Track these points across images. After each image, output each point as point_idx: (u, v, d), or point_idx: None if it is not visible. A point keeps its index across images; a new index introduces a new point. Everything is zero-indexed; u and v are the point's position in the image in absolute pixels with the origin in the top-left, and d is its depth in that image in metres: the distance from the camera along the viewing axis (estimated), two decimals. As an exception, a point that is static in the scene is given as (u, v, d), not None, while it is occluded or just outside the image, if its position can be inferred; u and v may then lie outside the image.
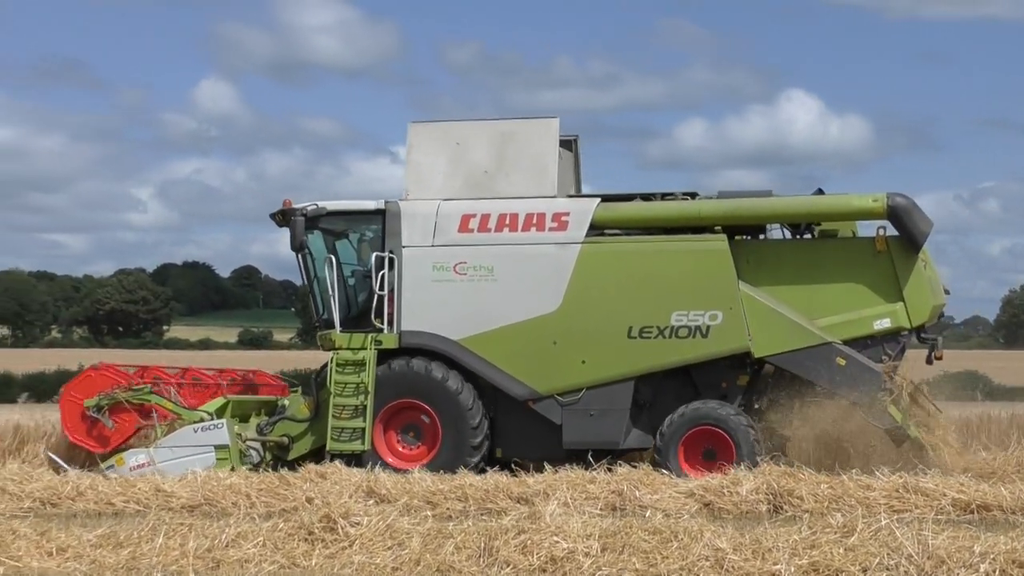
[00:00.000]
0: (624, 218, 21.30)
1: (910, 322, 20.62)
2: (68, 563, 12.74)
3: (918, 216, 20.56)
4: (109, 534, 13.42)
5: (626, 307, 20.89)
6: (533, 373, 21.06)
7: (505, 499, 17.37)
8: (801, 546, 12.00)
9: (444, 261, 21.28)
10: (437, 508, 16.76)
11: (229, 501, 17.44)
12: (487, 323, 21.19)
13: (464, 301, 21.23)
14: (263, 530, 13.24)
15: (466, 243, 21.28)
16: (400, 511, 13.77)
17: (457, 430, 21.04)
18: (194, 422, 20.93)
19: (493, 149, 21.77)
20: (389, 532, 13.14)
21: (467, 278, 21.24)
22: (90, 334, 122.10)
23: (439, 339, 21.28)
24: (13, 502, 17.50)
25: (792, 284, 20.88)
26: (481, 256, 21.22)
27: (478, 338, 21.20)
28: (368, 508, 13.75)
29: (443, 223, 21.35)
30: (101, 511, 17.39)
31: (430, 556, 12.53)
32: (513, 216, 21.22)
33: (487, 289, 21.19)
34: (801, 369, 20.56)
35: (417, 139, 21.96)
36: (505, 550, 12.36)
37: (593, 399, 20.93)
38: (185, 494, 17.77)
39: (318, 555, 12.81)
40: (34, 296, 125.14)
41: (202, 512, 16.84)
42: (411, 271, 21.40)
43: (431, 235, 21.36)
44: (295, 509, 15.78)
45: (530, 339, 21.06)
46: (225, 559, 12.71)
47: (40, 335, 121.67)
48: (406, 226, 21.44)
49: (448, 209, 21.41)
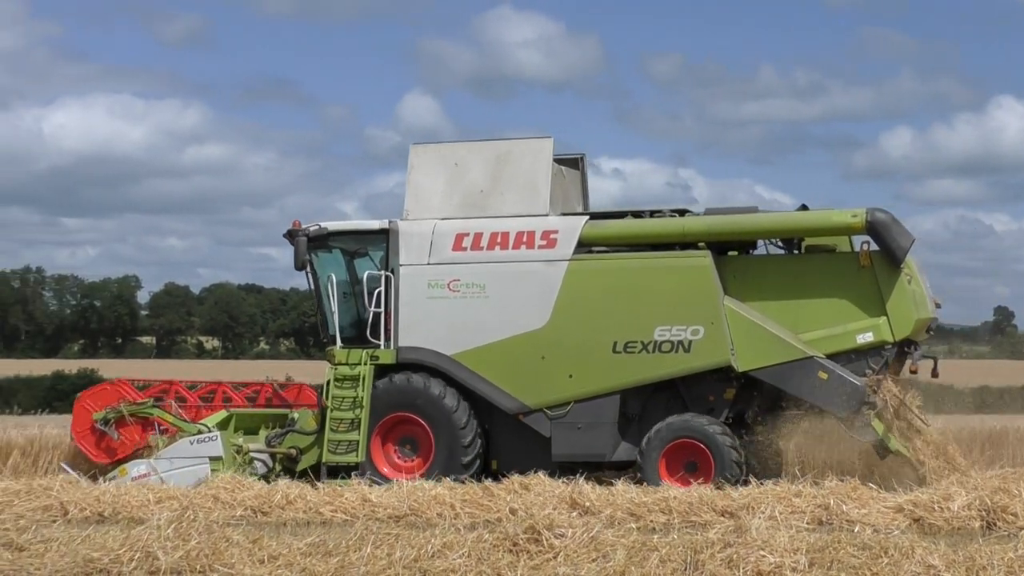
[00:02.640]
0: (610, 235, 21.72)
1: (893, 336, 20.64)
2: (279, 571, 12.96)
3: (897, 231, 20.60)
4: (318, 543, 13.63)
5: (611, 322, 21.27)
6: (523, 387, 21.57)
7: (709, 512, 17.21)
8: (1017, 564, 11.67)
9: (439, 278, 21.91)
10: (641, 520, 16.64)
11: (434, 512, 17.59)
12: (479, 338, 21.75)
13: (458, 317, 21.81)
14: (468, 541, 13.35)
15: (460, 261, 21.89)
16: (604, 523, 13.89)
17: (449, 447, 21.59)
18: (192, 435, 21.80)
19: (489, 169, 22.34)
20: (593, 544, 13.17)
21: (460, 295, 21.83)
22: (296, 346, 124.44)
23: (434, 354, 21.89)
24: (226, 510, 17.79)
25: (778, 299, 21.08)
26: (474, 273, 21.80)
27: (471, 353, 21.76)
28: (572, 520, 13.84)
29: (439, 241, 21.99)
30: (310, 520, 17.70)
31: (635, 569, 12.47)
32: (504, 234, 21.79)
33: (479, 305, 21.76)
34: (784, 383, 20.73)
35: (418, 160, 22.63)
36: (711, 564, 12.26)
37: (580, 413, 21.33)
38: (391, 504, 17.91)
39: (523, 566, 12.83)
40: (243, 309, 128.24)
41: (407, 522, 17.04)
42: (408, 288, 22.06)
43: (427, 253, 22.01)
44: (499, 520, 15.97)
45: (520, 354, 21.58)
46: (431, 569, 12.82)
47: (248, 347, 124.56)
48: (403, 245, 22.11)
49: (443, 228, 22.05)
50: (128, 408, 22.15)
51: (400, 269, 22.09)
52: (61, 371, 60.63)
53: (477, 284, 21.75)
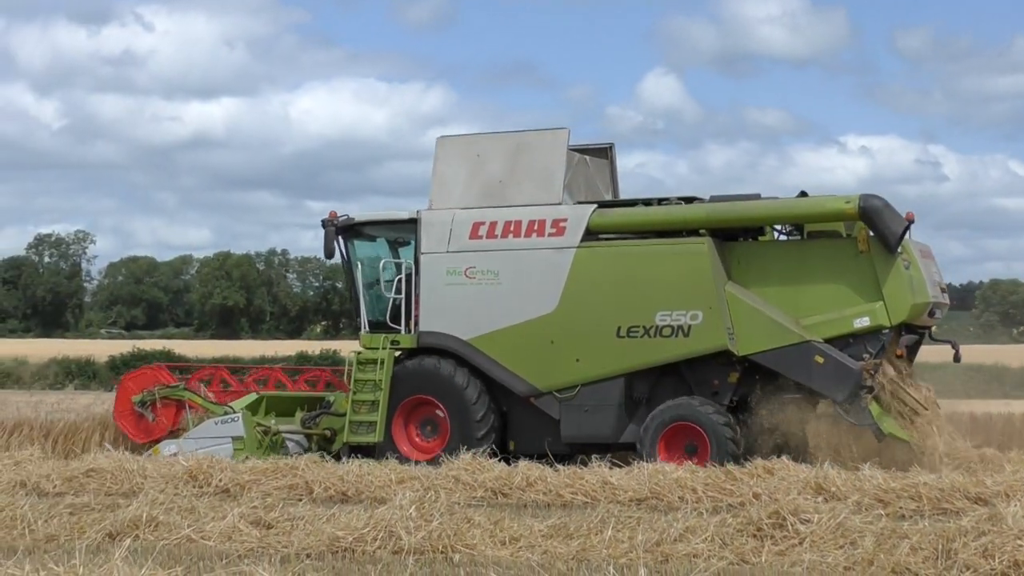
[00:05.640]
0: (616, 223, 22.21)
1: (889, 320, 20.82)
2: (521, 552, 12.93)
3: (890, 217, 20.79)
4: (559, 525, 13.58)
5: (615, 308, 21.85)
6: (534, 371, 22.28)
7: (962, 499, 16.61)
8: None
9: (457, 266, 22.73)
10: (889, 507, 16.07)
11: (675, 495, 17.35)
12: (493, 323, 22.51)
13: (473, 303, 22.61)
14: (711, 525, 13.13)
15: (476, 248, 22.66)
16: (851, 509, 13.39)
17: (463, 423, 22.39)
18: (219, 416, 22.91)
19: (508, 160, 23.01)
20: (840, 530, 12.83)
21: (476, 281, 22.62)
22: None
23: (452, 339, 22.70)
24: (467, 491, 17.86)
25: (781, 285, 21.44)
26: (489, 261, 22.56)
27: (485, 338, 22.52)
28: (817, 505, 13.48)
29: (457, 230, 22.78)
30: (550, 502, 17.60)
31: (884, 556, 12.09)
32: (517, 223, 22.47)
33: (493, 291, 22.53)
34: (781, 367, 21.05)
35: (443, 152, 23.44)
36: (964, 553, 11.78)
37: (587, 395, 21.98)
38: (632, 487, 17.75)
39: (767, 552, 12.56)
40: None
41: (649, 506, 16.83)
42: (428, 275, 22.91)
43: (446, 242, 22.84)
44: (742, 505, 15.61)
45: (531, 338, 22.28)
46: (674, 553, 12.62)
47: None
48: (425, 234, 22.97)
49: (462, 217, 22.82)
50: (161, 391, 23.36)
51: (422, 257, 22.92)
52: (305, 352, 61.99)
53: (491, 271, 22.53)
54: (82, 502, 15.34)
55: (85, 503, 15.28)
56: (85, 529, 14.12)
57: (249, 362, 47.54)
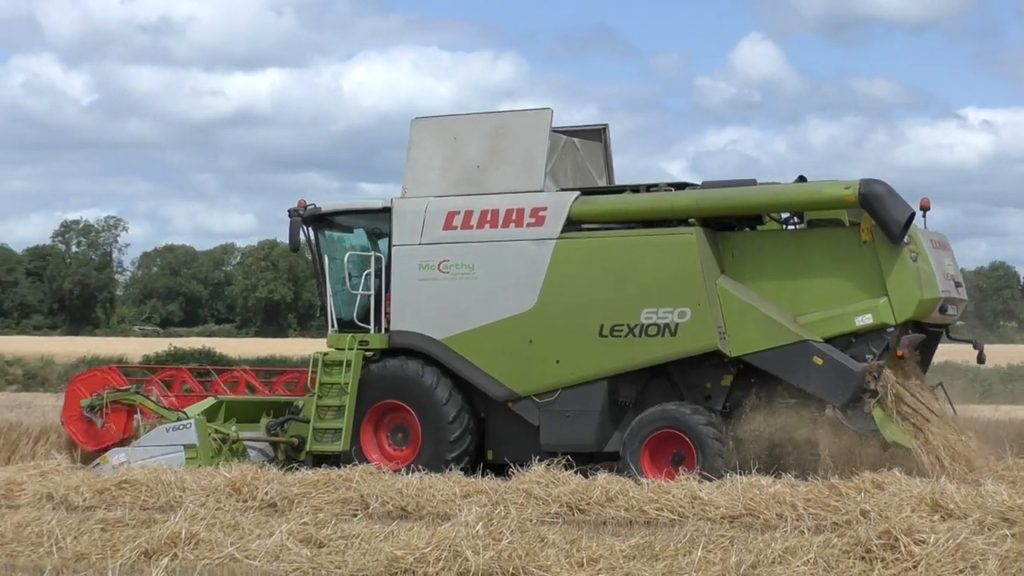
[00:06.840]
0: (600, 212, 20.87)
1: (895, 318, 19.43)
2: (600, 575, 12.13)
3: (892, 204, 19.39)
4: (643, 545, 12.75)
5: (597, 305, 20.51)
6: (511, 373, 20.95)
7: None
8: None
9: (430, 259, 21.38)
10: (1015, 527, 14.95)
11: (773, 512, 16.61)
12: (468, 322, 21.16)
13: (447, 300, 21.27)
14: (814, 546, 12.21)
15: (450, 240, 21.28)
16: (972, 529, 12.62)
17: (435, 427, 21.09)
18: (170, 422, 21.69)
19: (487, 143, 21.63)
20: (960, 552, 11.93)
21: (450, 276, 21.28)
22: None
23: (424, 339, 21.36)
24: (540, 506, 17.18)
25: (776, 278, 20.11)
26: (463, 254, 21.20)
27: (460, 337, 21.19)
28: (934, 524, 12.51)
29: (430, 220, 21.41)
30: (632, 519, 16.92)
31: (1008, 580, 11.37)
32: (494, 212, 21.11)
33: (468, 287, 21.17)
34: (777, 369, 19.71)
35: (418, 135, 22.03)
36: (1098, 579, 10.87)
37: (569, 400, 20.64)
38: (724, 503, 17.04)
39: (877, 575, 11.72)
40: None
41: (743, 524, 16.06)
42: (400, 270, 21.58)
43: (419, 233, 21.46)
44: (848, 523, 14.95)
45: (508, 338, 20.93)
46: (770, 576, 11.93)
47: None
48: (397, 224, 21.62)
49: (436, 206, 21.43)
50: (110, 395, 22.08)
51: (393, 250, 21.62)
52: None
53: (466, 265, 21.19)
54: (115, 517, 14.48)
55: (118, 518, 14.42)
56: (118, 547, 13.37)
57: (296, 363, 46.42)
